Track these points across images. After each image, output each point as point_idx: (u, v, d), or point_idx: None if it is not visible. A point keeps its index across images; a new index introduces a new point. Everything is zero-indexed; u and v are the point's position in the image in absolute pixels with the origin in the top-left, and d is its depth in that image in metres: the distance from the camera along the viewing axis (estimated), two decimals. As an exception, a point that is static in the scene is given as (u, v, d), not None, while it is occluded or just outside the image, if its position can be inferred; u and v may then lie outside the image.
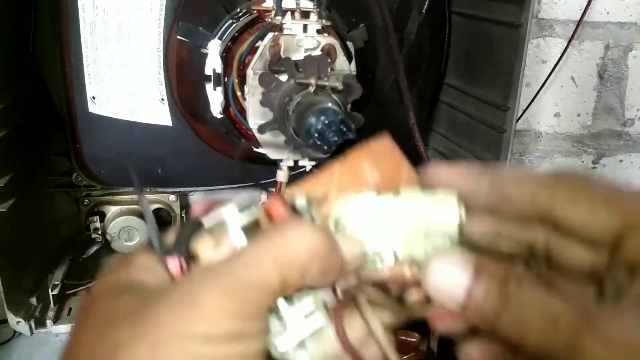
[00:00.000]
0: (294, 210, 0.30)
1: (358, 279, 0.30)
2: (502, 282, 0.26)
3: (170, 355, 0.23)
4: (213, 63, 0.61)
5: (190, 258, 0.27)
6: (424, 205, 0.30)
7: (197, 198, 0.81)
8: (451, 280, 0.27)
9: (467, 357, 0.30)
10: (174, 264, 0.27)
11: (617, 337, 0.23)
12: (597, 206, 0.27)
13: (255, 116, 0.57)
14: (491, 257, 0.28)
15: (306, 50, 0.56)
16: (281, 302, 0.27)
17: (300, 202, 0.30)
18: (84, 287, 0.68)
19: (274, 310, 0.27)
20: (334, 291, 0.29)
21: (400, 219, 0.29)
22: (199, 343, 0.23)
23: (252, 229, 0.28)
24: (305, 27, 0.56)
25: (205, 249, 0.27)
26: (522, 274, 0.27)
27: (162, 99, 0.65)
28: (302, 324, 0.27)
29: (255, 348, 0.25)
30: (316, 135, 0.50)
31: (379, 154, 0.32)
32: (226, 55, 0.61)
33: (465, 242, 0.30)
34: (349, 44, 0.63)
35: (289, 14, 0.57)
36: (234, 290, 0.25)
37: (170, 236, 0.29)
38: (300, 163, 0.62)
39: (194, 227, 0.28)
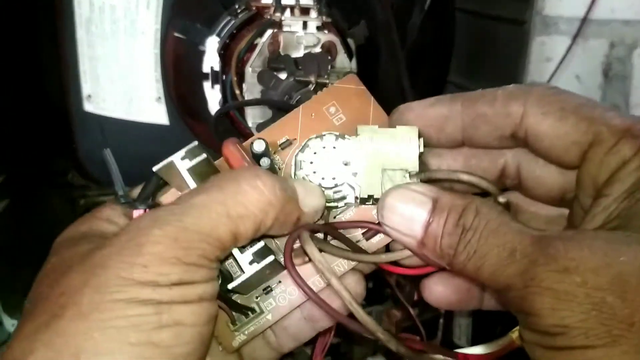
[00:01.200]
0: (253, 155, 0.30)
1: (324, 220, 0.30)
2: (459, 214, 0.25)
3: (113, 300, 0.23)
4: (211, 60, 0.61)
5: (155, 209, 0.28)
6: (382, 141, 0.29)
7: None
8: (408, 215, 0.26)
9: (431, 296, 0.30)
10: (139, 214, 0.28)
11: (572, 265, 0.21)
12: (566, 116, 0.26)
13: (254, 114, 0.57)
14: (450, 189, 0.27)
15: (306, 47, 0.55)
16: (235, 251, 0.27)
17: (259, 146, 0.29)
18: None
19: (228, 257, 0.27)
20: None
21: (359, 157, 0.29)
22: (141, 289, 0.23)
23: (208, 173, 0.28)
24: (305, 24, 0.56)
25: (169, 200, 0.28)
26: (480, 204, 0.25)
27: (159, 98, 0.64)
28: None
29: (199, 293, 0.25)
30: (316, 134, 0.49)
31: (346, 94, 0.32)
32: (224, 53, 0.60)
33: (427, 178, 0.29)
34: (350, 40, 0.62)
35: (288, 10, 0.56)
36: (180, 238, 0.24)
37: (137, 191, 0.30)
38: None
39: (158, 180, 0.29)
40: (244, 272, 0.28)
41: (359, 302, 0.27)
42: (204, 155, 0.29)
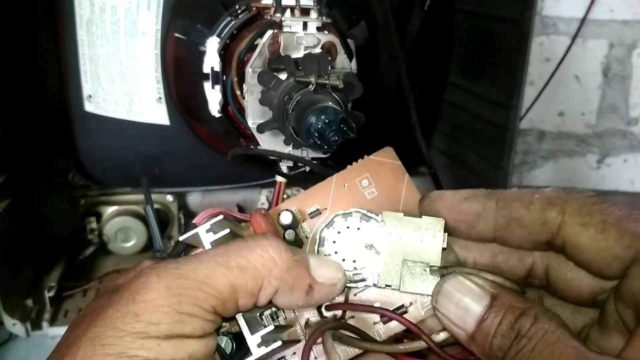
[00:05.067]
0: (280, 225, 0.30)
1: (345, 298, 0.30)
2: (516, 317, 0.24)
3: (104, 354, 0.23)
4: (211, 61, 0.60)
5: None
6: (407, 230, 0.29)
7: (195, 198, 0.80)
8: (463, 306, 0.26)
9: None
10: None
11: None
12: (607, 229, 0.25)
13: (254, 115, 0.56)
14: (508, 289, 0.27)
15: (306, 48, 0.55)
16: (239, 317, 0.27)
17: (286, 219, 0.30)
18: (80, 289, 0.67)
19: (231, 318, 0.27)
20: (320, 314, 0.29)
21: (381, 243, 0.29)
22: (131, 342, 0.23)
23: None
24: (305, 25, 0.56)
25: None
26: (540, 312, 0.25)
27: (160, 98, 0.64)
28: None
29: (190, 352, 0.25)
30: (316, 134, 0.49)
31: (380, 168, 0.32)
32: (225, 53, 0.60)
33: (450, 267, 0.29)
34: (350, 41, 0.62)
35: (288, 11, 0.56)
36: (174, 285, 0.24)
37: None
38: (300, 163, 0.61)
39: (193, 235, 0.29)
40: (252, 354, 0.27)
41: None
42: (227, 230, 0.29)
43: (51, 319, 0.65)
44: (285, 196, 0.64)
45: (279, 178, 0.61)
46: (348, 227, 0.30)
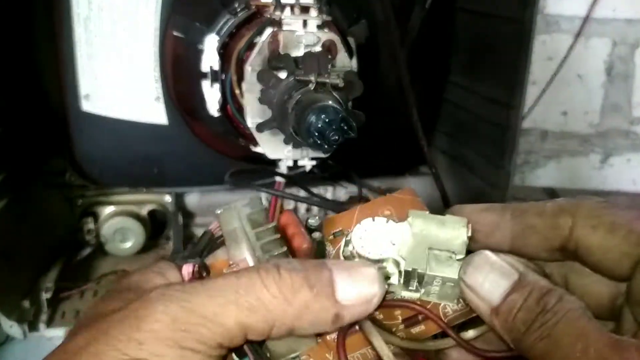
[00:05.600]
0: (308, 229, 0.31)
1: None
2: (543, 294, 0.25)
3: None
4: (210, 60, 0.60)
5: (204, 268, 0.29)
6: (432, 225, 0.30)
7: (194, 198, 0.80)
8: (492, 278, 0.27)
9: None
10: (187, 269, 0.29)
11: None
12: (616, 228, 0.26)
13: (254, 114, 0.56)
14: (534, 271, 0.27)
15: (306, 46, 0.55)
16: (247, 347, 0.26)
17: (314, 221, 0.31)
18: (77, 291, 0.67)
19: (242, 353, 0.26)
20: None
21: (407, 237, 0.30)
22: None
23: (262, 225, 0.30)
24: (305, 23, 0.55)
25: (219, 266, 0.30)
26: (564, 292, 0.25)
27: (158, 97, 0.64)
28: None
29: None
30: (316, 133, 0.49)
31: (401, 204, 0.33)
32: (224, 52, 0.60)
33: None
34: (350, 39, 0.62)
35: (288, 9, 0.56)
36: (180, 319, 0.24)
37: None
38: (300, 163, 0.60)
39: (208, 237, 0.31)
40: None
41: None
42: (263, 206, 0.30)
43: (48, 321, 0.64)
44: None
45: (278, 178, 0.61)
46: (375, 226, 0.31)
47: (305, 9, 0.56)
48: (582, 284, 0.28)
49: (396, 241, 0.30)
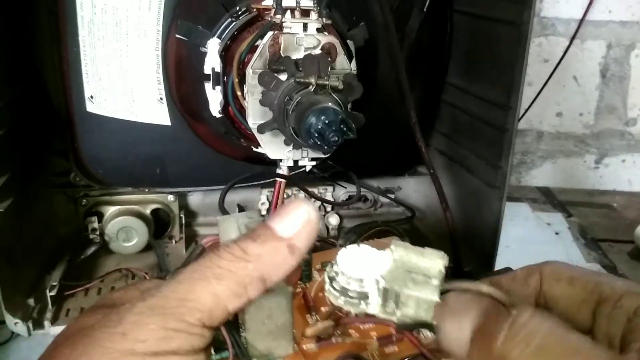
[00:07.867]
0: None
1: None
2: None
3: None
4: (212, 62, 0.61)
5: None
6: (412, 254, 0.31)
7: (196, 198, 0.80)
8: (456, 327, 0.28)
9: None
10: None
11: None
12: (575, 282, 0.29)
13: (255, 116, 0.57)
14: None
15: (306, 49, 0.55)
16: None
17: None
18: (81, 289, 0.68)
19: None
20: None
21: (388, 260, 0.31)
22: (119, 356, 0.24)
23: None
24: (305, 26, 0.56)
25: None
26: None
27: (161, 99, 0.64)
28: None
29: None
30: (316, 135, 0.50)
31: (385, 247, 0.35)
32: (225, 54, 0.61)
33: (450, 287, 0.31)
34: (350, 42, 0.62)
35: (289, 12, 0.56)
36: (158, 305, 0.26)
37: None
38: (300, 163, 0.61)
39: (199, 252, 0.32)
40: None
41: None
42: (260, 218, 0.32)
43: (53, 318, 0.65)
44: (285, 196, 0.64)
45: (279, 178, 0.61)
46: (359, 250, 0.32)
47: (305, 13, 0.57)
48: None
49: (378, 263, 0.31)
